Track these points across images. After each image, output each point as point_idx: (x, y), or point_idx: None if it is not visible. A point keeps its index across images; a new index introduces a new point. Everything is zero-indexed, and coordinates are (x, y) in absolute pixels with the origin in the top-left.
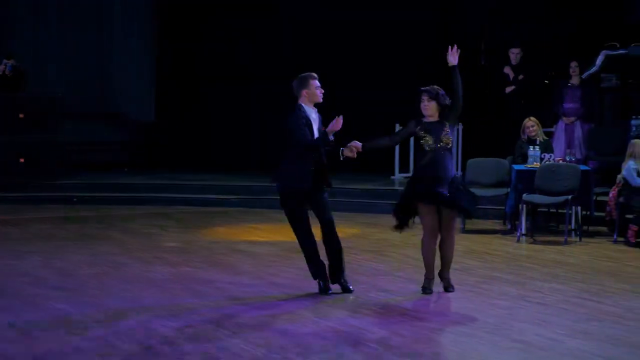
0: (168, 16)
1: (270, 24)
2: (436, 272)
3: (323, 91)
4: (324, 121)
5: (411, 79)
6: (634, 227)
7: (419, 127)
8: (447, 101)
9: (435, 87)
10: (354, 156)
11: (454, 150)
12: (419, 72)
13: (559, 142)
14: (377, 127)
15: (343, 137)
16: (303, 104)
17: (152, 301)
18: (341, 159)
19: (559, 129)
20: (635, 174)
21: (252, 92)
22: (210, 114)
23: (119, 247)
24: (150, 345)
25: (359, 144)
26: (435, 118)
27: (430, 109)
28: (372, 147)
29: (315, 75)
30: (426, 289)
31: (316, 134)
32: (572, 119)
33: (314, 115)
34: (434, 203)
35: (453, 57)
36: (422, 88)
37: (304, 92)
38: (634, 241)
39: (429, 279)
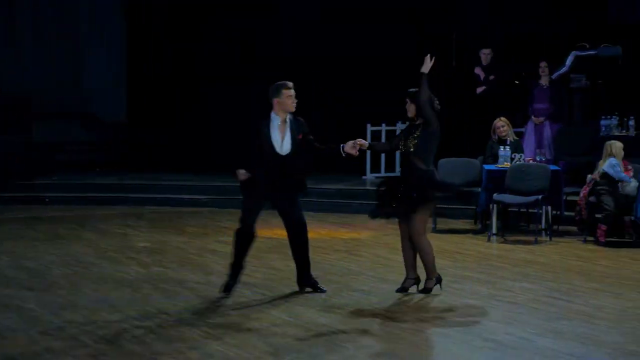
0: (158, 17)
1: (270, 24)
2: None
3: (296, 101)
4: (322, 124)
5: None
6: (603, 227)
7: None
8: (436, 105)
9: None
10: (356, 153)
11: None
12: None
13: (529, 143)
14: (377, 126)
15: (346, 137)
16: (272, 114)
17: (123, 301)
18: (343, 155)
19: (529, 130)
20: (619, 168)
21: (252, 92)
22: (187, 113)
23: (91, 247)
24: (121, 345)
25: (364, 141)
26: (418, 120)
27: (410, 111)
28: (373, 148)
29: (290, 84)
30: (399, 288)
31: (286, 143)
32: (542, 119)
33: (275, 123)
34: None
35: (425, 66)
36: (409, 90)
37: (276, 100)
38: (603, 240)
39: (405, 278)
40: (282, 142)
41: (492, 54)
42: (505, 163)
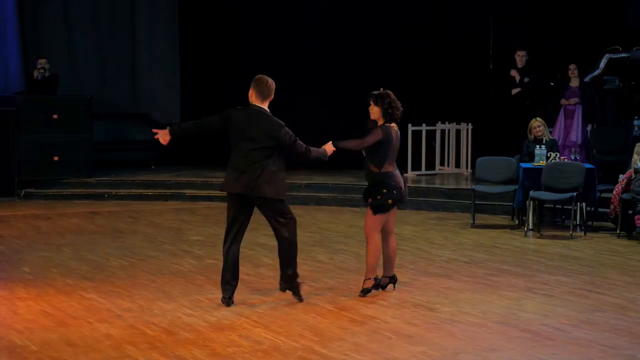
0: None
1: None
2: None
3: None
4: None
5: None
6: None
7: None
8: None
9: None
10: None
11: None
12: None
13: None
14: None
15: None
16: None
17: (178, 292)
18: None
19: (559, 121)
20: None
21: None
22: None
23: (147, 240)
24: (176, 333)
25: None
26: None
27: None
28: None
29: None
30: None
31: None
32: (574, 99)
33: None
34: None
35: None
36: (373, 92)
37: None
38: (639, 224)
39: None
40: None
41: (527, 56)
42: (541, 161)
